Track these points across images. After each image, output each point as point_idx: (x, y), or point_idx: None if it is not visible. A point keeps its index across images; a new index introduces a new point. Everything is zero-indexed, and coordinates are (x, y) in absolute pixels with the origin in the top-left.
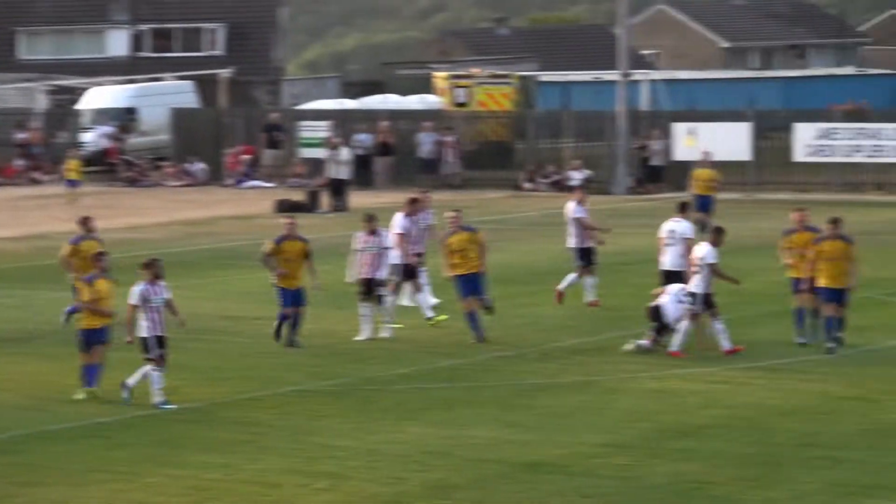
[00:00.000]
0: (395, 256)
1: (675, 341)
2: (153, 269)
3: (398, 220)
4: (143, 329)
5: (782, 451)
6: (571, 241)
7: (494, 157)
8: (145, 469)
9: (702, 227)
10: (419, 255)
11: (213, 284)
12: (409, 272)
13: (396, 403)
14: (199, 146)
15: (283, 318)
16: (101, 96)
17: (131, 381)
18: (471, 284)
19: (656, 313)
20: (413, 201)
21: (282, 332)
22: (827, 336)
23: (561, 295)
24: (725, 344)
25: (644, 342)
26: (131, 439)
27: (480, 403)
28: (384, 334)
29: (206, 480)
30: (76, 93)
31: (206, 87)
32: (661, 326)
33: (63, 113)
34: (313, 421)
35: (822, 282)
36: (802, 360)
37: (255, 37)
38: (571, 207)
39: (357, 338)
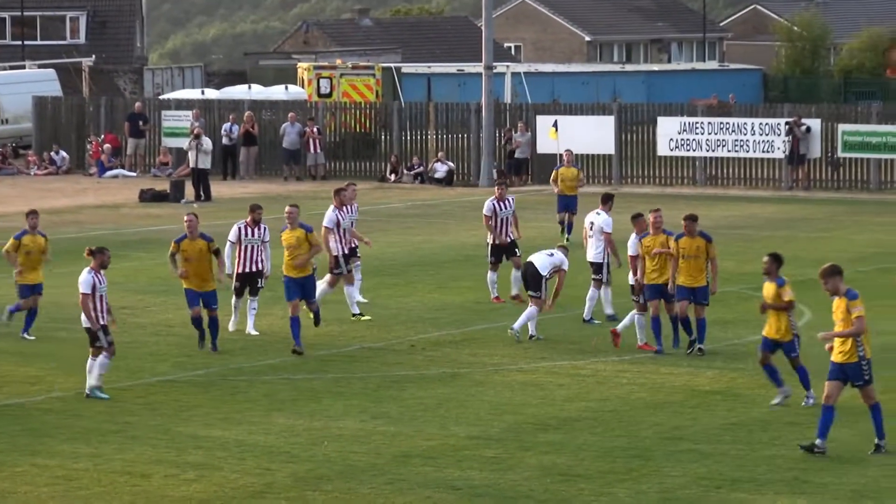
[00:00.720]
0: (333, 248)
1: (638, 335)
2: (100, 258)
3: (329, 214)
4: (86, 320)
5: (650, 445)
6: (490, 238)
7: (359, 148)
8: (12, 458)
9: (564, 227)
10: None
11: (78, 274)
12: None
13: (264, 394)
14: (61, 135)
15: (193, 321)
16: None
17: (94, 382)
18: (301, 288)
19: (530, 268)
20: (339, 191)
21: (204, 339)
22: (690, 335)
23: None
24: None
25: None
26: None
27: (349, 395)
28: (253, 332)
29: (75, 470)
30: None
31: (68, 75)
32: (535, 281)
33: None
34: (181, 411)
35: (679, 279)
36: (669, 354)
37: (116, 25)
38: (490, 205)
39: (228, 327)
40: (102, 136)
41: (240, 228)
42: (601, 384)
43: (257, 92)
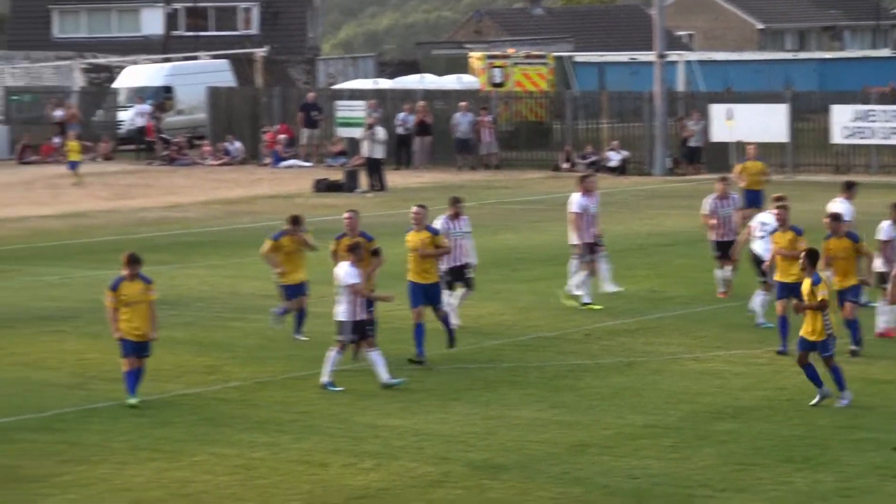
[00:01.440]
0: (581, 235)
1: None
2: (360, 253)
3: (576, 200)
4: (344, 313)
5: (827, 434)
6: (712, 235)
7: (532, 137)
8: (191, 447)
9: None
10: (597, 235)
11: (254, 263)
12: (589, 251)
13: (440, 384)
14: (235, 125)
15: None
16: (137, 75)
17: (326, 377)
18: (425, 295)
19: (752, 255)
20: (583, 179)
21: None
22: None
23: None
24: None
25: (758, 297)
26: (175, 418)
27: (524, 384)
28: (454, 321)
29: (253, 459)
30: (112, 71)
31: (241, 65)
32: (759, 267)
33: (99, 91)
34: (358, 401)
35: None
36: (844, 342)
37: (289, 16)
38: (712, 204)
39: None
40: (277, 127)
41: (443, 220)
42: (778, 373)
43: (430, 81)
